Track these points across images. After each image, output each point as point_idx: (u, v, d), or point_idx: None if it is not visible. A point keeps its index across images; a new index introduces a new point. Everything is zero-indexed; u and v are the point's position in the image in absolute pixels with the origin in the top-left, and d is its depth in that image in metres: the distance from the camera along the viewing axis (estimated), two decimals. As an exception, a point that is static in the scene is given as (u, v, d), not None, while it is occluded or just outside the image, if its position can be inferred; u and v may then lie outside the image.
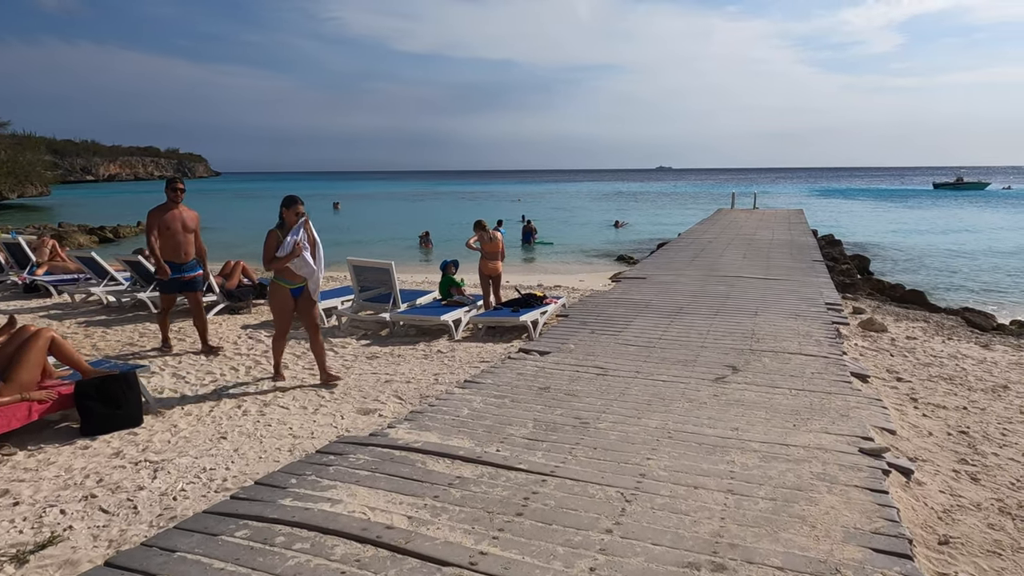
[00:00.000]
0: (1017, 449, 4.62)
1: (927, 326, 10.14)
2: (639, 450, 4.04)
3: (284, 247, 5.63)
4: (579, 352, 6.53)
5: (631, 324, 7.73)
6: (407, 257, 22.57)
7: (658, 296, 9.49)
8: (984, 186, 76.30)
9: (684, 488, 3.50)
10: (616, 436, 4.28)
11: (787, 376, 5.69)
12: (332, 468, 3.72)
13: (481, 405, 4.91)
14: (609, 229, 32.33)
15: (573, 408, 4.85)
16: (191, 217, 7.05)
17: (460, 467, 3.75)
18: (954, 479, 4.09)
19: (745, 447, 4.10)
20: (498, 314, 8.36)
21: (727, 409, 4.85)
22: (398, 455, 3.91)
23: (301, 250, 5.68)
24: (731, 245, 16.12)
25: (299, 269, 5.74)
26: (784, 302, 8.98)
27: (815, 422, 4.57)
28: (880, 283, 14.92)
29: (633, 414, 4.72)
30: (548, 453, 3.97)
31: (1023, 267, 19.61)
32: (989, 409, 5.58)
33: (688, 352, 6.46)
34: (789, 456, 3.97)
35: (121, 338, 8.04)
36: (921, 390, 6.09)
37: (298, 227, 5.71)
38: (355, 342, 7.95)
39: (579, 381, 5.56)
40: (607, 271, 17.13)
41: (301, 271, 5.75)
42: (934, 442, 4.66)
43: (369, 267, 8.78)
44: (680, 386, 5.41)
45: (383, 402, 5.59)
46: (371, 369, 6.66)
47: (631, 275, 11.65)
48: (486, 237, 9.35)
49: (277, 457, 4.34)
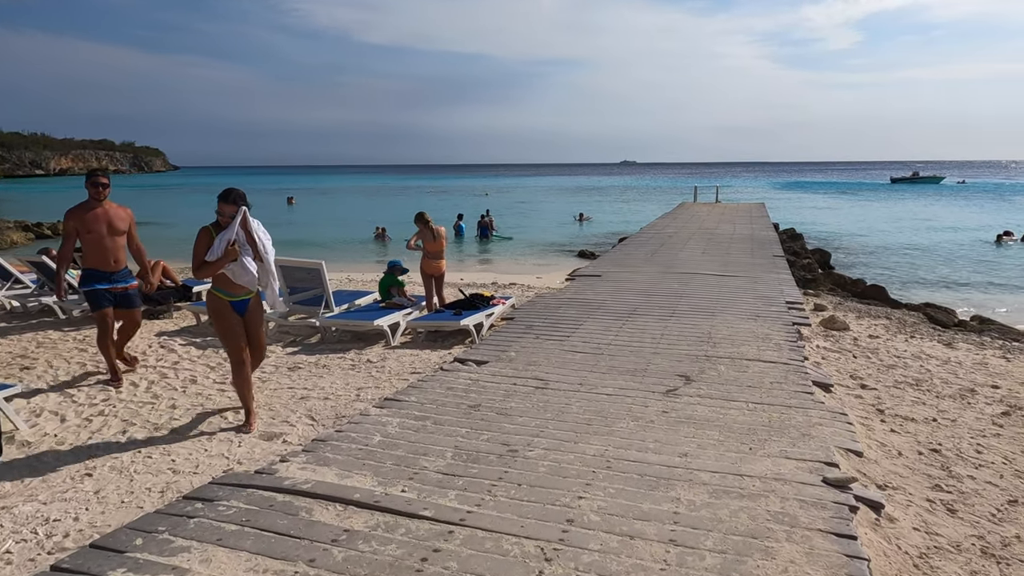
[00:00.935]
0: (993, 470, 4.16)
1: (889, 323, 9.81)
2: (571, 486, 3.45)
3: (214, 249, 4.52)
4: (520, 361, 5.92)
5: (580, 327, 7.15)
6: (365, 253, 21.75)
7: (612, 296, 8.94)
8: (939, 180, 78.01)
9: (618, 539, 2.92)
10: (546, 467, 3.68)
11: (744, 387, 5.16)
12: (193, 521, 3.04)
13: (397, 429, 4.26)
14: (572, 223, 31.86)
15: (503, 431, 4.24)
16: (120, 216, 5.81)
17: (352, 516, 3.11)
18: (929, 511, 3.59)
19: (694, 479, 3.54)
20: (438, 318, 7.71)
21: (676, 429, 4.29)
22: (280, 500, 3.25)
23: (237, 252, 4.55)
24: (692, 239, 15.72)
25: (237, 277, 4.61)
26: (744, 301, 8.51)
27: (773, 443, 4.04)
28: (841, 278, 14.65)
29: (570, 438, 4.13)
30: (463, 493, 3.35)
31: (980, 260, 19.66)
32: (960, 420, 5.14)
33: (639, 360, 5.90)
34: (743, 490, 3.41)
35: (14, 349, 7.17)
36: (887, 399, 5.63)
37: (233, 224, 4.54)
38: (280, 350, 7.23)
39: (515, 397, 4.95)
40: (567, 267, 16.58)
41: (240, 279, 4.62)
42: (905, 464, 4.17)
43: (297, 267, 8.05)
44: (626, 401, 4.84)
45: (292, 424, 4.91)
46: (289, 383, 5.96)
47: (586, 273, 11.10)
48: (429, 234, 8.64)
49: (143, 502, 3.64)
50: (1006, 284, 15.99)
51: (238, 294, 4.69)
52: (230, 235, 4.51)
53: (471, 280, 14.77)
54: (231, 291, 4.67)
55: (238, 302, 4.72)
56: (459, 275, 16.17)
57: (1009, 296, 14.65)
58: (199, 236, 4.57)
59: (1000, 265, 18.70)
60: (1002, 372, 7.06)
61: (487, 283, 13.82)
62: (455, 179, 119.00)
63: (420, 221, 8.69)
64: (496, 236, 24.54)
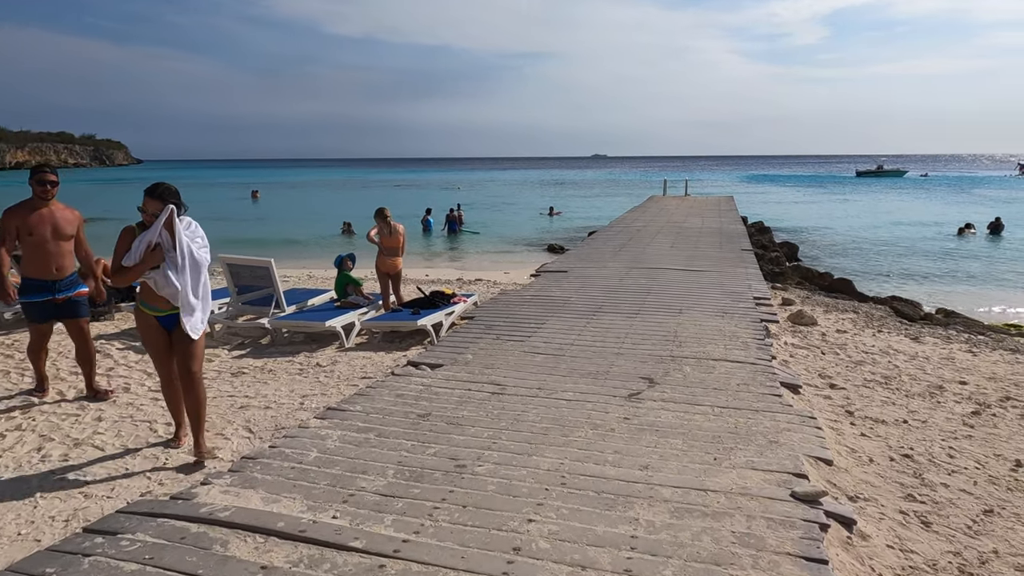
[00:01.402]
0: (967, 476, 3.98)
1: (857, 317, 9.71)
2: (521, 506, 3.16)
3: (132, 252, 3.90)
4: (476, 364, 5.61)
5: (542, 327, 6.86)
6: (330, 248, 21.17)
7: (578, 292, 8.67)
8: (902, 174, 79.50)
9: (568, 570, 2.63)
10: (495, 485, 3.38)
11: (710, 389, 4.92)
12: (89, 561, 2.68)
13: (336, 444, 3.92)
14: (543, 217, 31.59)
15: (452, 444, 3.93)
16: (68, 219, 5.11)
17: (272, 550, 2.77)
18: (903, 524, 3.37)
19: (654, 495, 3.27)
20: (395, 317, 7.36)
21: (638, 437, 4.03)
22: (194, 532, 2.89)
23: (160, 258, 3.90)
24: (660, 233, 15.55)
25: (160, 288, 3.96)
26: (711, 297, 8.31)
27: (739, 452, 3.79)
28: (809, 271, 14.61)
29: (524, 450, 3.83)
30: (401, 518, 3.03)
31: (943, 252, 19.88)
32: (931, 421, 4.97)
33: (601, 362, 5.63)
34: (707, 507, 3.15)
35: (-67, 356, 6.64)
36: (857, 399, 5.44)
37: (156, 224, 3.85)
38: (226, 354, 6.81)
39: (468, 404, 4.64)
40: (536, 262, 16.29)
41: (163, 291, 3.96)
42: (876, 472, 3.96)
43: (246, 265, 7.63)
44: (586, 407, 4.56)
45: (228, 437, 4.53)
46: (230, 390, 5.57)
47: (552, 268, 10.82)
48: (385, 229, 8.27)
49: (43, 533, 3.25)
50: (968, 276, 16.14)
51: (164, 308, 4.04)
52: (151, 237, 3.87)
53: (437, 276, 14.41)
54: (155, 304, 4.04)
55: (165, 317, 4.08)
56: (425, 271, 15.79)
57: (971, 288, 14.78)
58: (121, 236, 3.96)
59: (962, 258, 18.92)
60: (969, 367, 6.96)
61: (452, 279, 13.47)
62: (428, 173, 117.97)
63: (379, 216, 8.32)
64: (464, 231, 24.16)
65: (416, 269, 16.10)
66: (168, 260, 3.90)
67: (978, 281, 15.55)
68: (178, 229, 3.88)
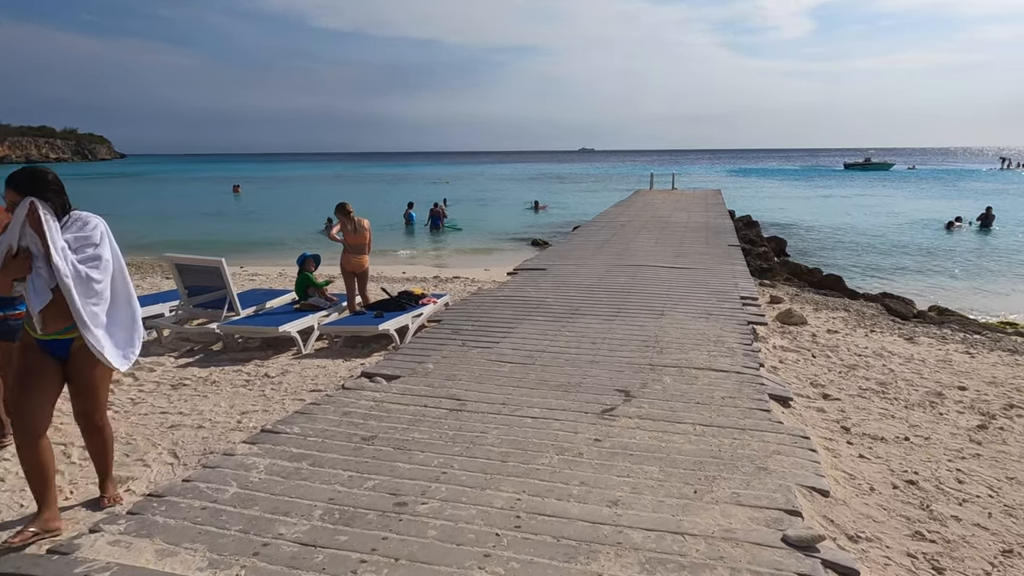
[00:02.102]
0: (979, 506, 3.52)
1: (848, 316, 9.29)
2: (465, 558, 2.66)
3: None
4: (437, 375, 5.10)
5: (513, 331, 6.36)
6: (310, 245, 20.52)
7: (555, 292, 8.17)
8: (889, 166, 79.54)
9: (511, 651, 2.14)
10: (438, 530, 2.87)
11: (692, 404, 4.44)
12: (-85, 645, 2.16)
13: (262, 476, 3.40)
14: (528, 212, 31.06)
15: (395, 474, 3.42)
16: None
17: (149, 626, 2.26)
18: (911, 571, 2.90)
19: (623, 541, 2.78)
20: (356, 321, 6.84)
21: (609, 464, 3.54)
22: (59, 601, 2.38)
23: (27, 268, 3.03)
24: (645, 228, 15.07)
25: (30, 304, 3.08)
26: (696, 296, 7.84)
27: (723, 483, 3.31)
28: (798, 267, 14.20)
29: (477, 482, 3.33)
30: (317, 577, 2.53)
31: (933, 246, 19.54)
32: (934, 437, 4.51)
33: (573, 371, 5.13)
34: (684, 557, 2.67)
35: None
36: (853, 412, 4.98)
37: (15, 222, 3.02)
38: (171, 362, 6.27)
39: (421, 423, 4.13)
40: (519, 258, 15.74)
41: (31, 307, 3.08)
42: (878, 503, 3.49)
43: (196, 266, 7.06)
44: (553, 427, 4.07)
45: (148, 464, 4.01)
46: (164, 405, 5.03)
47: (530, 266, 10.30)
48: (350, 225, 7.73)
49: None
50: (960, 271, 15.80)
51: (46, 330, 3.10)
52: (12, 238, 3.02)
53: (414, 273, 13.88)
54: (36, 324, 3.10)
55: (48, 342, 3.13)
56: (402, 268, 15.26)
57: (963, 283, 14.43)
58: None
59: (952, 252, 18.59)
60: (967, 370, 6.54)
61: (429, 277, 12.95)
62: (417, 167, 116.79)
63: (341, 212, 7.78)
64: (447, 226, 23.59)
65: (394, 266, 15.56)
66: (38, 272, 3.03)
67: (970, 275, 15.21)
68: (49, 228, 3.02)
